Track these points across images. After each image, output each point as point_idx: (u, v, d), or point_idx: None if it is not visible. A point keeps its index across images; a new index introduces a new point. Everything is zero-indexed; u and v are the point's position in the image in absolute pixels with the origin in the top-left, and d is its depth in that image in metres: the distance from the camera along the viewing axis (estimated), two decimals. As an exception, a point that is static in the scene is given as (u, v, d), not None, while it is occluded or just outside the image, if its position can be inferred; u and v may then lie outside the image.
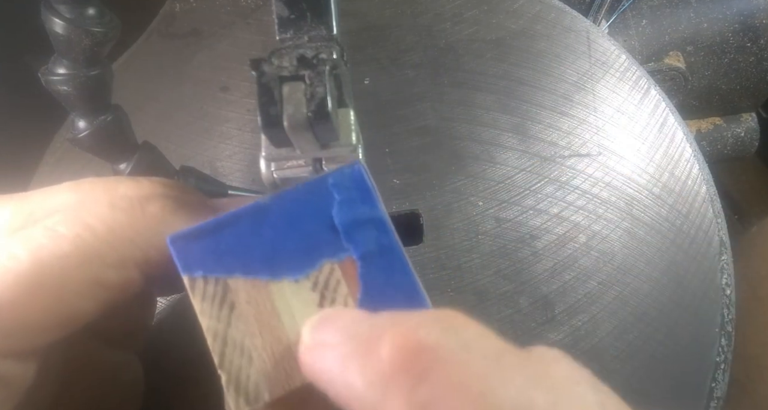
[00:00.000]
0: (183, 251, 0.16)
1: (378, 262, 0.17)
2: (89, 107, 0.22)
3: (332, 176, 0.17)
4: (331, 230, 0.17)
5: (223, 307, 0.16)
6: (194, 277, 0.16)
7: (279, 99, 0.19)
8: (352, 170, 0.17)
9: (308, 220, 0.17)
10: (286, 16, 0.22)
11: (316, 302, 0.16)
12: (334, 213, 0.17)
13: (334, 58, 0.20)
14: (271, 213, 0.17)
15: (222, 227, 0.16)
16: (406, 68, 0.38)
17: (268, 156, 0.23)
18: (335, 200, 0.17)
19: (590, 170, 0.35)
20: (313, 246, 0.16)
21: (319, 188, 0.17)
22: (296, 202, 0.17)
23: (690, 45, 0.61)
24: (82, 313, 0.16)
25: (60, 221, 0.16)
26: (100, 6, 0.21)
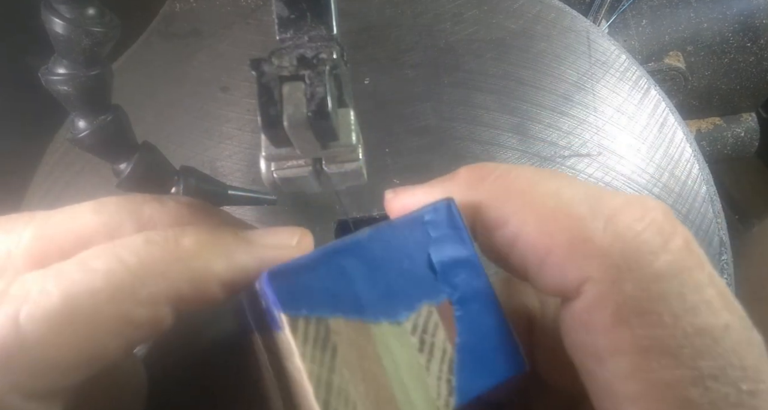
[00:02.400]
0: (283, 287, 0.15)
1: (473, 306, 0.16)
2: (89, 106, 0.22)
3: (427, 212, 0.16)
4: (428, 269, 0.16)
5: (326, 350, 0.15)
6: (296, 317, 0.15)
7: (279, 99, 0.19)
8: (446, 207, 0.16)
9: (405, 258, 0.16)
10: (286, 16, 0.22)
11: (416, 347, 0.15)
12: (431, 252, 0.16)
13: (334, 58, 0.20)
14: (369, 250, 0.16)
15: (320, 264, 0.15)
16: (406, 68, 0.38)
17: (268, 156, 0.23)
18: (431, 238, 0.16)
19: (590, 170, 0.35)
20: (411, 286, 0.16)
21: (415, 225, 0.16)
22: (393, 239, 0.16)
23: (690, 45, 0.61)
24: (110, 352, 0.15)
25: (93, 254, 0.15)
26: (100, 6, 0.21)
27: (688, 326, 0.13)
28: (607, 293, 0.13)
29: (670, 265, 0.13)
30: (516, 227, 0.15)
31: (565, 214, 0.14)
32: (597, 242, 0.13)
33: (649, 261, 0.13)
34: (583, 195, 0.14)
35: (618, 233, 0.13)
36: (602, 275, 0.13)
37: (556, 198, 0.14)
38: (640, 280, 0.13)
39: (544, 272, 0.14)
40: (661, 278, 0.13)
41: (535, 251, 0.14)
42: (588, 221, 0.14)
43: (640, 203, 0.14)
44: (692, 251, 0.13)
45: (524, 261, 0.15)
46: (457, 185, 0.16)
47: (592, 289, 0.13)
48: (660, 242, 0.13)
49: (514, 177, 0.15)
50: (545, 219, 0.14)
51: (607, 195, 0.14)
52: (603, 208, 0.14)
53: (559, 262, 0.14)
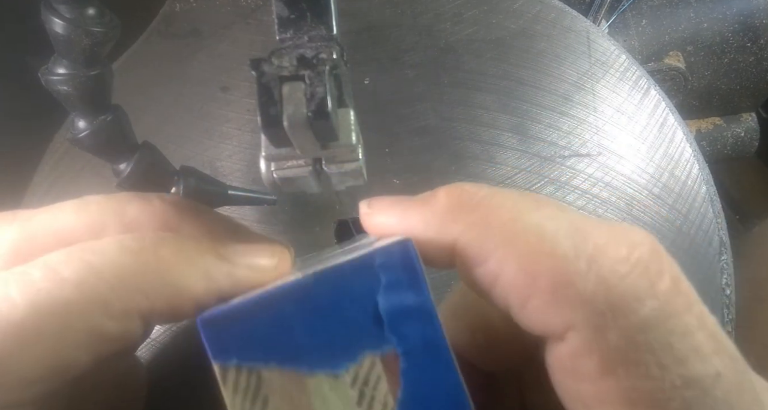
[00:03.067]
0: (215, 334, 0.14)
1: (422, 359, 0.15)
2: (89, 107, 0.22)
3: (379, 255, 0.15)
4: (375, 317, 0.15)
5: (256, 401, 0.14)
6: (227, 366, 0.14)
7: (279, 99, 0.19)
8: (402, 250, 0.15)
9: (351, 304, 0.15)
10: (286, 16, 0.22)
11: (355, 400, 0.15)
12: (379, 299, 0.15)
13: (334, 58, 0.20)
14: (311, 295, 0.15)
15: (259, 309, 0.14)
16: (406, 68, 0.38)
17: (268, 156, 0.23)
18: (381, 283, 0.15)
19: (590, 170, 0.35)
20: (355, 335, 0.15)
21: (365, 268, 0.15)
22: (339, 283, 0.15)
23: (690, 45, 0.61)
24: (78, 364, 0.14)
25: (63, 260, 0.15)
26: (100, 6, 0.21)
27: (676, 378, 0.12)
28: (592, 342, 0.13)
29: (656, 312, 0.12)
30: (496, 265, 0.14)
31: (548, 253, 0.13)
32: (580, 288, 0.13)
33: (634, 309, 0.12)
34: (566, 230, 0.14)
35: (602, 277, 0.13)
36: (586, 323, 0.13)
37: (539, 234, 0.14)
38: (626, 329, 0.12)
39: (526, 314, 0.14)
40: (648, 328, 0.12)
41: (516, 293, 0.14)
42: (571, 262, 0.13)
43: (626, 237, 0.13)
44: (680, 291, 0.13)
45: (506, 300, 0.14)
46: (434, 213, 0.15)
47: (576, 337, 0.13)
48: (646, 285, 0.13)
49: (495, 206, 0.15)
50: (527, 259, 0.13)
51: (591, 229, 0.14)
52: (587, 245, 0.13)
53: (541, 306, 0.13)
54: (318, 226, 0.35)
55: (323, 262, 0.19)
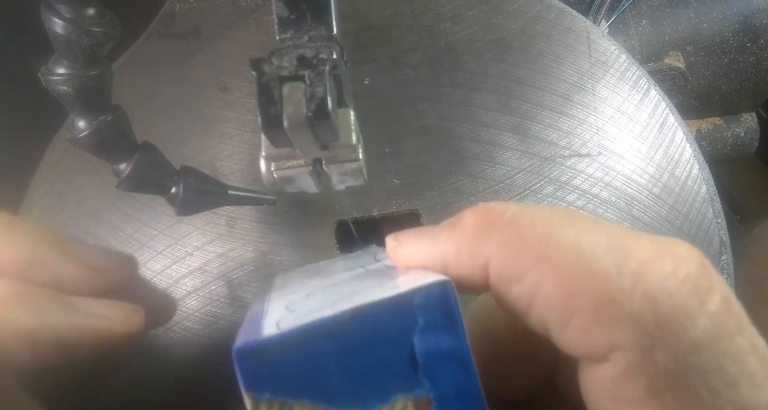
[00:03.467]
0: (250, 366, 0.14)
1: (455, 405, 0.14)
2: (89, 107, 0.22)
3: (419, 295, 0.14)
4: (410, 359, 0.14)
5: None
6: (259, 399, 0.14)
7: (279, 99, 0.19)
8: (442, 291, 0.14)
9: (386, 344, 0.14)
10: (286, 16, 0.22)
11: None
12: (415, 340, 0.14)
13: (334, 58, 0.20)
14: (348, 332, 0.14)
15: (294, 343, 0.14)
16: (406, 68, 0.38)
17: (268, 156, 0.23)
18: (418, 324, 0.14)
19: (590, 170, 0.35)
20: (389, 376, 0.14)
21: (403, 308, 0.15)
22: (376, 321, 0.14)
23: (690, 45, 0.61)
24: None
25: None
26: (100, 6, 0.21)
27: (727, 404, 0.11)
28: (639, 364, 0.12)
29: (708, 332, 0.12)
30: (533, 284, 0.13)
31: (589, 271, 0.13)
32: (626, 306, 0.12)
33: (684, 328, 0.12)
34: (605, 246, 0.13)
35: (649, 295, 0.12)
36: (633, 344, 0.12)
37: (577, 251, 0.13)
38: (676, 350, 0.12)
39: (567, 335, 0.13)
40: (699, 349, 0.12)
41: (556, 313, 0.13)
42: (614, 280, 0.12)
43: (671, 252, 0.13)
44: (731, 311, 0.12)
45: (544, 321, 0.14)
46: (464, 235, 0.15)
47: (622, 358, 0.12)
48: (696, 303, 0.12)
49: (527, 223, 0.14)
50: (566, 277, 0.13)
51: (632, 243, 0.13)
52: (630, 261, 0.12)
53: (584, 326, 0.13)
54: (318, 226, 0.35)
55: (339, 286, 0.18)
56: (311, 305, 0.16)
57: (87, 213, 0.36)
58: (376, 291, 0.15)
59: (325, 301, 0.16)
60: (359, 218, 0.35)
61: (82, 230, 0.36)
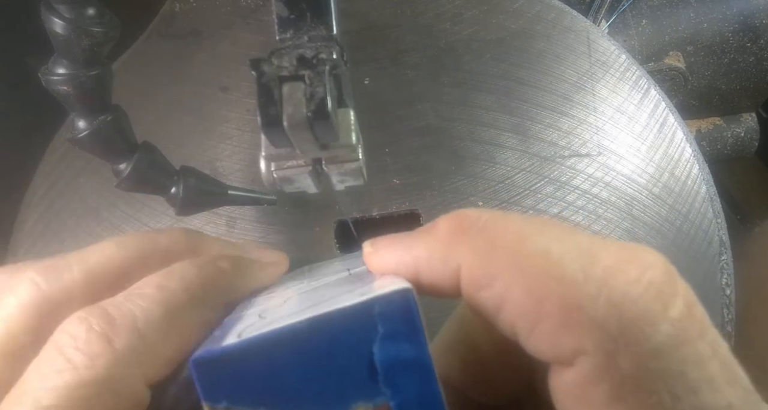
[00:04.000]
0: (207, 376, 0.14)
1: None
2: (89, 107, 0.22)
3: (379, 303, 0.14)
4: (369, 367, 0.14)
5: None
6: (216, 408, 0.14)
7: (279, 99, 0.19)
8: (402, 299, 0.14)
9: (345, 352, 0.14)
10: (286, 16, 0.22)
11: None
12: (374, 349, 0.14)
13: (334, 58, 0.20)
14: (306, 341, 0.14)
15: (252, 352, 0.14)
16: (406, 68, 0.38)
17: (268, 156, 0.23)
18: (378, 333, 0.14)
19: (590, 170, 0.35)
20: (348, 384, 0.14)
21: (362, 316, 0.14)
22: (335, 330, 0.14)
23: (690, 45, 0.61)
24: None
25: (187, 273, 0.20)
26: (100, 6, 0.21)
27: (688, 407, 0.12)
28: (603, 369, 0.12)
29: (670, 338, 0.12)
30: (502, 290, 0.14)
31: (556, 277, 0.13)
32: (591, 312, 0.12)
33: (648, 334, 0.12)
34: (574, 253, 0.13)
35: (613, 301, 0.12)
36: (597, 349, 0.12)
37: (546, 258, 0.13)
38: (639, 356, 0.12)
39: (535, 340, 0.13)
40: (661, 355, 0.12)
41: (524, 318, 0.13)
42: (580, 285, 0.13)
43: (637, 258, 0.13)
44: (694, 317, 0.12)
45: (512, 325, 0.14)
46: (436, 241, 0.15)
47: (586, 362, 0.12)
48: (659, 308, 0.12)
49: (499, 230, 0.14)
50: (534, 283, 0.13)
51: (600, 250, 0.13)
52: (596, 268, 0.13)
53: (550, 331, 0.13)
54: (318, 226, 0.35)
55: (318, 290, 0.19)
56: (282, 312, 0.16)
57: (87, 213, 0.36)
58: (343, 299, 0.15)
59: (297, 308, 0.16)
60: (359, 218, 0.35)
61: (82, 230, 0.36)
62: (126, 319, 0.17)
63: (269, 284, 0.24)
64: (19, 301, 0.18)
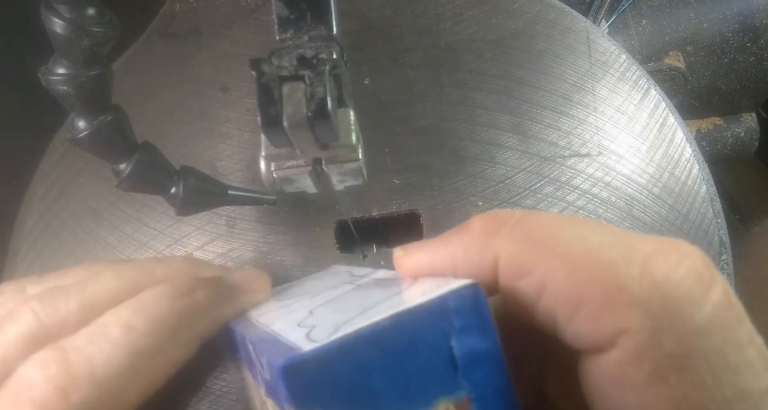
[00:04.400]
0: (297, 382, 0.14)
1: (492, 404, 0.15)
2: (89, 107, 0.22)
3: (454, 299, 0.15)
4: (449, 361, 0.15)
5: None
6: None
7: (279, 99, 0.19)
8: (473, 295, 0.15)
9: (427, 348, 0.15)
10: (286, 15, 0.22)
11: None
12: (453, 343, 0.15)
13: (334, 58, 0.20)
14: (390, 339, 0.14)
15: (339, 355, 0.14)
16: (406, 68, 0.38)
17: (268, 156, 0.23)
18: (455, 327, 0.15)
19: (590, 170, 0.35)
20: (431, 379, 0.14)
21: (440, 312, 0.15)
22: (415, 326, 0.14)
23: (690, 45, 0.61)
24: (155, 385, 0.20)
25: (131, 315, 0.20)
26: (100, 6, 0.21)
27: (728, 388, 0.12)
28: (646, 347, 0.12)
29: (711, 319, 0.12)
30: (542, 277, 0.14)
31: (596, 261, 0.13)
32: (634, 292, 0.12)
33: (690, 314, 0.12)
34: (611, 240, 0.13)
35: (655, 282, 0.12)
36: (641, 327, 0.12)
37: (584, 245, 0.13)
38: (682, 334, 0.12)
39: (576, 324, 0.13)
40: (703, 334, 0.12)
41: (565, 302, 0.13)
42: (622, 269, 0.13)
43: (675, 248, 0.13)
44: (732, 304, 0.13)
45: (552, 312, 0.14)
46: (473, 236, 0.16)
47: (629, 342, 0.12)
48: (700, 292, 0.12)
49: (534, 224, 0.15)
50: (575, 267, 0.13)
51: (637, 240, 0.13)
52: (636, 254, 0.13)
53: (592, 313, 0.13)
54: (318, 226, 0.35)
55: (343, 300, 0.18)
56: (331, 320, 0.16)
57: (87, 213, 0.36)
58: (401, 299, 0.15)
59: (344, 315, 0.16)
60: (359, 218, 0.35)
61: (82, 230, 0.36)
62: (84, 368, 0.17)
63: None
64: (20, 330, 0.19)
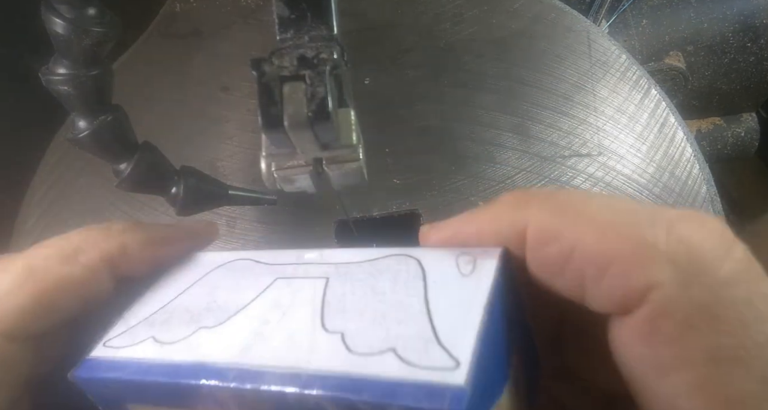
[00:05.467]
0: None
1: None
2: (89, 107, 0.22)
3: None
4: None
5: None
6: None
7: (279, 99, 0.19)
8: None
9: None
10: (286, 16, 0.22)
11: None
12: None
13: (335, 58, 0.20)
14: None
15: (483, 376, 0.12)
16: (407, 68, 0.38)
17: (268, 156, 0.23)
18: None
19: (590, 170, 0.35)
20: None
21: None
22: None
23: (690, 45, 0.61)
24: (57, 306, 0.18)
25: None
26: (100, 6, 0.21)
27: (758, 334, 0.12)
28: (676, 299, 0.13)
29: (735, 273, 0.13)
30: (572, 240, 0.14)
31: (624, 223, 0.14)
32: (662, 248, 0.13)
33: (716, 267, 0.13)
34: (637, 208, 0.14)
35: (682, 239, 0.13)
36: (670, 280, 0.13)
37: (612, 210, 0.14)
38: (709, 285, 0.13)
39: (605, 284, 0.14)
40: (730, 284, 0.13)
41: (595, 262, 0.14)
42: (649, 229, 0.13)
43: (697, 214, 0.14)
44: (753, 262, 0.13)
45: (581, 274, 0.14)
46: (502, 209, 0.16)
47: (659, 294, 0.13)
48: (724, 249, 0.13)
49: (564, 196, 0.15)
50: (605, 229, 0.14)
51: (661, 208, 0.14)
52: (661, 218, 0.14)
53: (622, 270, 0.13)
54: (318, 226, 0.35)
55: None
56: (418, 334, 0.13)
57: (87, 213, 0.36)
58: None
59: (419, 327, 0.13)
60: (359, 218, 0.35)
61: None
62: None
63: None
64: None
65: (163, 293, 0.19)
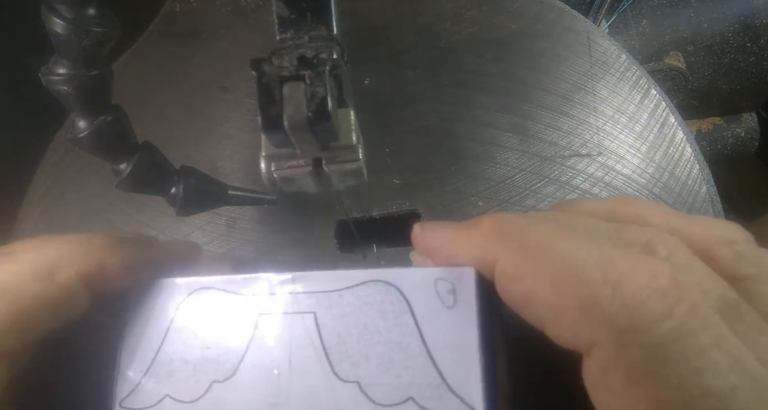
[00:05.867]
0: None
1: None
2: (89, 107, 0.22)
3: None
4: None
5: None
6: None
7: (279, 99, 0.19)
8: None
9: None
10: (286, 16, 0.22)
11: None
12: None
13: (335, 58, 0.20)
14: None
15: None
16: (406, 68, 0.38)
17: (268, 156, 0.23)
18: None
19: (590, 170, 0.35)
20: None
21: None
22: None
23: (690, 45, 0.61)
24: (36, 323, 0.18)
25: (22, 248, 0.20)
26: (100, 6, 0.21)
27: (694, 388, 0.13)
28: (615, 357, 0.14)
29: (672, 331, 0.14)
30: (532, 285, 0.16)
31: (578, 279, 0.15)
32: (605, 308, 0.14)
33: (653, 328, 0.14)
34: (596, 257, 0.15)
35: (624, 301, 0.14)
36: (608, 341, 0.14)
37: (571, 261, 0.15)
38: (646, 345, 0.14)
39: (558, 330, 0.15)
40: (665, 344, 0.14)
41: (549, 310, 0.15)
42: (598, 287, 0.14)
43: (648, 268, 0.15)
44: (697, 314, 0.14)
45: (539, 316, 0.16)
46: (480, 235, 0.18)
47: (601, 352, 0.14)
48: (663, 309, 0.14)
49: (533, 234, 0.17)
50: (559, 281, 0.15)
51: (619, 258, 0.15)
52: (613, 273, 0.15)
53: (570, 324, 0.15)
54: (318, 226, 0.35)
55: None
56: (430, 381, 0.16)
57: (87, 213, 0.36)
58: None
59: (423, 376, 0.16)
60: (359, 218, 0.35)
61: (83, 230, 0.36)
62: None
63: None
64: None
65: (145, 335, 0.19)
